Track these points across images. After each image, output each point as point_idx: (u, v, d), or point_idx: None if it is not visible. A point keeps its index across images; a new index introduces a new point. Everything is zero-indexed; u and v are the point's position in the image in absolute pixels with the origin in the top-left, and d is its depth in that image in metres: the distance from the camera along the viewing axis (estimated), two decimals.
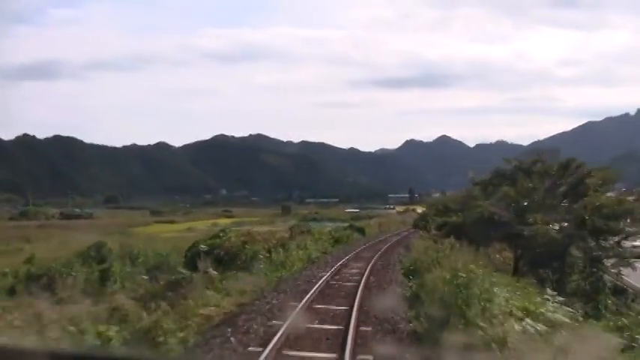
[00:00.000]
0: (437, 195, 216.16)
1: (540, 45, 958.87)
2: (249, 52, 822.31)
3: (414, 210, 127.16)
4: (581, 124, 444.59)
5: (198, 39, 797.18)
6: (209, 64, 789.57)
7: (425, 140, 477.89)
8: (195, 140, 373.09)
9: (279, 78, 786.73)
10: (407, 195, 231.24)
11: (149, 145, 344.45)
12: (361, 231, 59.50)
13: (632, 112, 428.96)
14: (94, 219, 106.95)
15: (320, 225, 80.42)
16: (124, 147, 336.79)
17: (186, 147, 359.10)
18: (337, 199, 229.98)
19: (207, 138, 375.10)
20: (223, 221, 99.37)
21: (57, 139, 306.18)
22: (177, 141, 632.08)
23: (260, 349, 11.66)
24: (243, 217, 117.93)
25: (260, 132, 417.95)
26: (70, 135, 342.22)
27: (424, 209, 78.54)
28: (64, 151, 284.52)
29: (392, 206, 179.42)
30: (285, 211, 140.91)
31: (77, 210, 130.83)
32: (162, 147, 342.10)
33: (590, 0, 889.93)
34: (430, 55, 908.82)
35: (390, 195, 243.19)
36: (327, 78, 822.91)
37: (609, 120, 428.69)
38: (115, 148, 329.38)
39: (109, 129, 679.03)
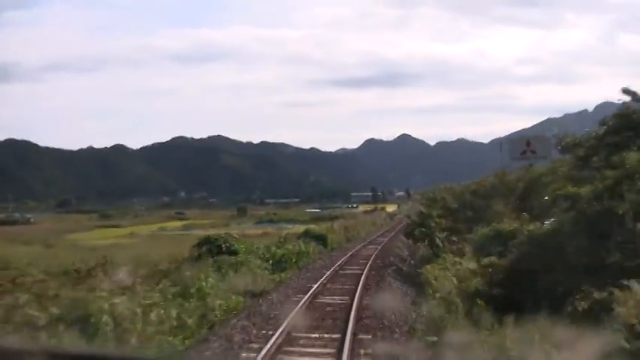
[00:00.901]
0: (400, 193, 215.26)
1: (499, 44, 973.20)
2: (208, 53, 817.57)
3: (383, 209, 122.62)
4: (540, 120, 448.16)
5: (157, 40, 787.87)
6: (167, 64, 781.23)
7: (385, 139, 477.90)
8: (154, 142, 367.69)
9: (238, 78, 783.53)
10: (369, 194, 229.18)
11: (106, 147, 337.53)
12: (322, 239, 41.62)
13: (590, 108, 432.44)
14: (31, 225, 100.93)
15: (276, 227, 76.30)
16: (80, 150, 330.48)
17: (144, 149, 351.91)
18: (298, 200, 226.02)
19: (166, 140, 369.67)
20: (173, 224, 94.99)
21: (10, 142, 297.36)
22: (134, 143, 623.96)
23: None
24: (196, 219, 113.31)
25: (219, 133, 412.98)
26: (24, 138, 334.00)
27: (421, 208, 43.23)
28: (18, 155, 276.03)
29: (356, 205, 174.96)
30: (240, 213, 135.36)
31: (17, 215, 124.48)
32: (119, 149, 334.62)
33: None
34: (390, 55, 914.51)
35: (352, 194, 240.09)
36: (287, 78, 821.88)
37: (568, 116, 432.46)
38: (70, 152, 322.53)
39: (65, 132, 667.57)
